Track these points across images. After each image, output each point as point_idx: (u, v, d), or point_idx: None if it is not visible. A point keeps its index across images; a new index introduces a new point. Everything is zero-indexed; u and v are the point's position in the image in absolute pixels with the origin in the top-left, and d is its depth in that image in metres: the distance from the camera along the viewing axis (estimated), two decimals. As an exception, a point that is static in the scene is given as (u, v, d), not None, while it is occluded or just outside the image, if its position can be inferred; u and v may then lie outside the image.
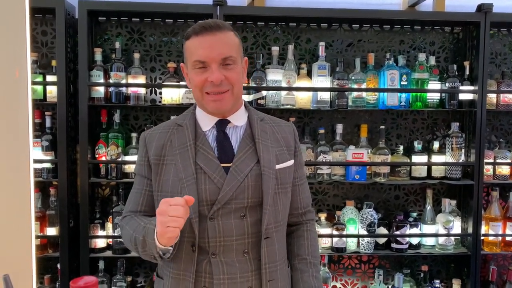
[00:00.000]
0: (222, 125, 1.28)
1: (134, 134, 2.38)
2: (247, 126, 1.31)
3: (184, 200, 1.08)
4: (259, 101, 2.36)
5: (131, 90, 2.34)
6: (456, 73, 2.45)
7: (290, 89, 2.35)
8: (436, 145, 2.50)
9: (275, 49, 2.40)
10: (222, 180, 1.21)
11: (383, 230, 2.44)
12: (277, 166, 1.27)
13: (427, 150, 2.53)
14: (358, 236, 2.43)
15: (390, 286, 2.53)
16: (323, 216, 2.42)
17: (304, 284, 1.30)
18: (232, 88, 1.22)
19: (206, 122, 1.29)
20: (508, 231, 2.44)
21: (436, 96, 2.45)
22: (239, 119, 1.30)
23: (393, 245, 2.43)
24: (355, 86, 2.38)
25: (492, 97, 2.50)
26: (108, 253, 2.35)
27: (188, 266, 1.21)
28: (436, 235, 2.45)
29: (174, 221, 1.06)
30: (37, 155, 2.28)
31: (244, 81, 1.31)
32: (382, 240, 2.45)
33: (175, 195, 1.19)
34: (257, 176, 1.23)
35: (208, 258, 1.21)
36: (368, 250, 2.43)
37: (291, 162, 1.32)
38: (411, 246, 2.45)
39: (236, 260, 1.22)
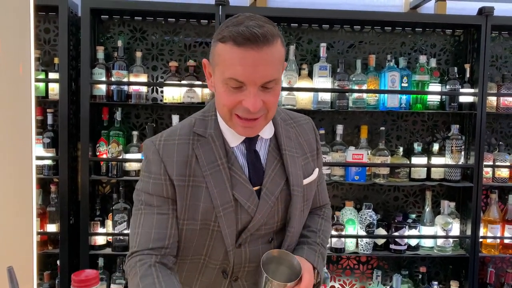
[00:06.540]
0: (252, 142, 1.11)
1: (135, 132, 2.39)
2: (273, 135, 1.17)
3: None
4: (260, 101, 2.37)
5: (132, 88, 2.35)
6: (457, 76, 2.46)
7: (291, 89, 2.36)
8: (435, 147, 2.51)
9: (277, 50, 2.40)
10: (254, 207, 1.09)
11: (382, 231, 2.44)
12: (304, 181, 1.16)
13: (427, 152, 2.54)
14: (357, 236, 2.44)
15: (388, 287, 2.54)
16: (322, 216, 2.43)
17: (307, 253, 1.15)
18: (267, 113, 1.03)
19: (234, 136, 1.10)
20: (506, 234, 2.45)
21: (437, 98, 2.46)
22: (266, 130, 1.14)
23: (392, 246, 2.44)
24: (356, 87, 2.39)
25: (492, 100, 2.51)
26: (108, 251, 2.36)
27: None
28: (434, 237, 2.46)
29: None
30: (39, 152, 2.29)
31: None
32: (380, 241, 2.46)
33: (208, 223, 1.08)
34: (286, 197, 1.13)
35: (230, 281, 1.15)
36: (367, 251, 2.44)
37: (316, 172, 1.21)
38: (409, 247, 2.46)
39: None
